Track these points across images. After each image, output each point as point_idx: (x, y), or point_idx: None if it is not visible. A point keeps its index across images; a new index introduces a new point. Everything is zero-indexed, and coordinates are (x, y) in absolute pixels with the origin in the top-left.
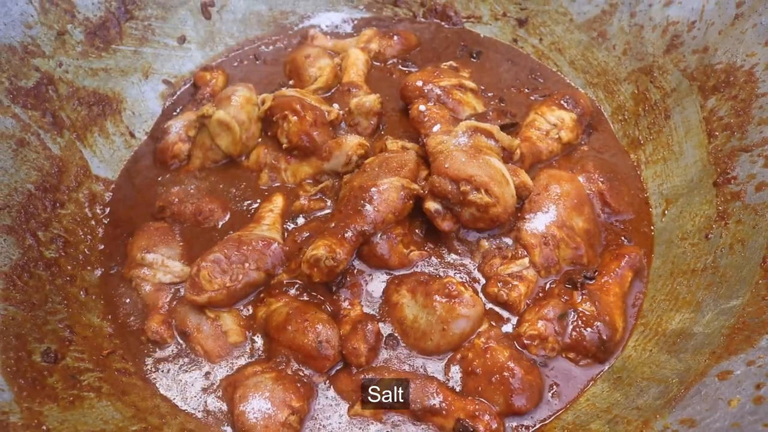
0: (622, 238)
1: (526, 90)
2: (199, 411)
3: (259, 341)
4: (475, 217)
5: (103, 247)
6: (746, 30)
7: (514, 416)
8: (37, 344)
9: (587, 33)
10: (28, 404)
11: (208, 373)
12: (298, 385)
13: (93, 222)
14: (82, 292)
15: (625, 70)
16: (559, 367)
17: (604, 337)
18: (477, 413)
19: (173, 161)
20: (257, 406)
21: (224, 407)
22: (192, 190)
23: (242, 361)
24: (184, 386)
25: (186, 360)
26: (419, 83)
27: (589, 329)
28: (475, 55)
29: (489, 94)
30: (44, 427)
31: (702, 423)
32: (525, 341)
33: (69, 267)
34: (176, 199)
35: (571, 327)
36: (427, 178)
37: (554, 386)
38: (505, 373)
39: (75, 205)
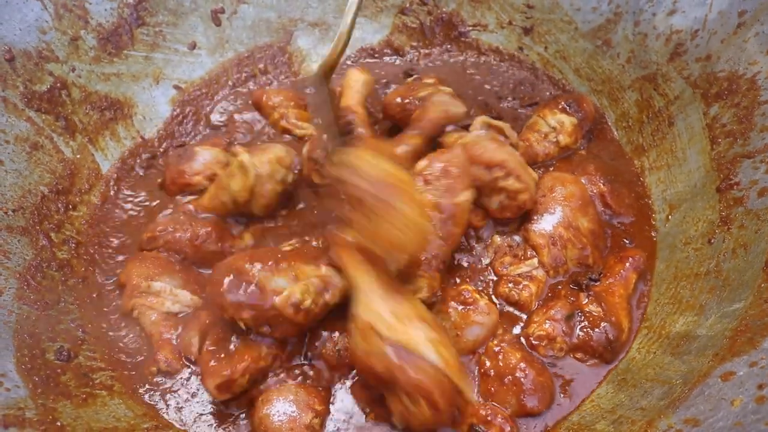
0: (624, 240)
1: (510, 99)
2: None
3: None
4: (504, 205)
5: (111, 250)
6: (748, 39)
7: (527, 417)
8: (51, 343)
9: (592, 41)
10: (43, 401)
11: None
12: (320, 388)
13: (104, 224)
14: (94, 293)
15: (629, 78)
16: (568, 368)
17: (611, 338)
18: (490, 418)
19: (186, 189)
20: (282, 409)
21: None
22: (182, 217)
23: None
24: (197, 406)
25: (196, 381)
26: (398, 99)
27: (596, 330)
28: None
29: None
30: (58, 423)
31: (705, 422)
32: (533, 342)
33: (81, 268)
34: (170, 228)
35: (578, 328)
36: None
37: (565, 387)
38: (518, 374)
39: (87, 208)
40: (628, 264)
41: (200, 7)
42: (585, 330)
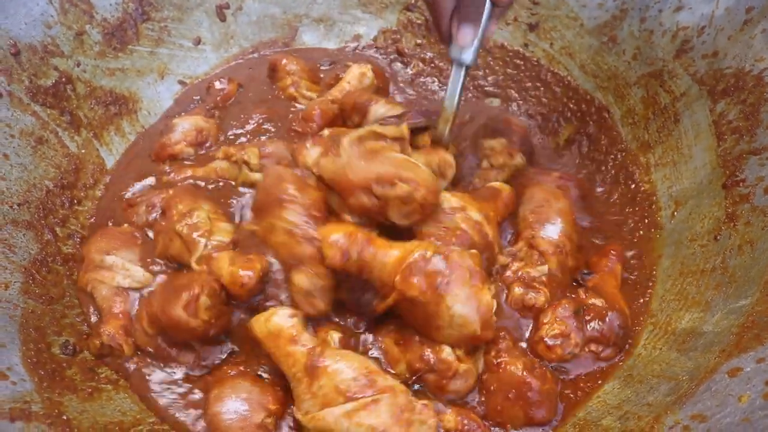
0: (594, 239)
1: None
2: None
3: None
4: (404, 212)
5: None
6: (755, 35)
7: (536, 427)
8: (56, 337)
9: (597, 38)
10: (49, 395)
11: (179, 378)
12: (277, 388)
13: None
14: None
15: (635, 75)
16: (576, 364)
17: (621, 324)
18: (466, 427)
19: (172, 159)
20: (233, 407)
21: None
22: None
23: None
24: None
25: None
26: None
27: (605, 319)
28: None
29: None
30: (65, 417)
31: (713, 418)
32: (549, 342)
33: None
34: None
35: (588, 320)
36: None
37: (571, 383)
38: (522, 388)
39: (92, 203)
40: (611, 256)
41: (205, 3)
42: (595, 321)
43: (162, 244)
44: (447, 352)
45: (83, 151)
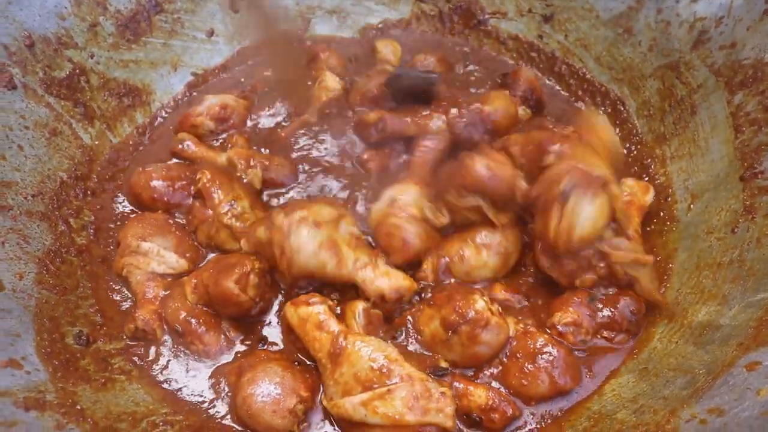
0: None
1: None
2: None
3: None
4: None
5: None
6: None
7: (560, 396)
8: (70, 327)
9: (613, 29)
10: (63, 384)
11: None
12: (307, 375)
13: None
14: (111, 279)
15: (651, 66)
16: (590, 351)
17: (633, 310)
18: (495, 404)
19: (191, 131)
20: (266, 390)
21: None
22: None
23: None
24: (185, 376)
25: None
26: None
27: (618, 306)
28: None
29: None
30: (78, 407)
31: (730, 412)
32: (561, 329)
33: (100, 252)
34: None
35: (600, 308)
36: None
37: (588, 368)
38: (550, 352)
39: (105, 194)
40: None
41: None
42: (608, 308)
43: (206, 233)
44: (480, 304)
45: (97, 142)
